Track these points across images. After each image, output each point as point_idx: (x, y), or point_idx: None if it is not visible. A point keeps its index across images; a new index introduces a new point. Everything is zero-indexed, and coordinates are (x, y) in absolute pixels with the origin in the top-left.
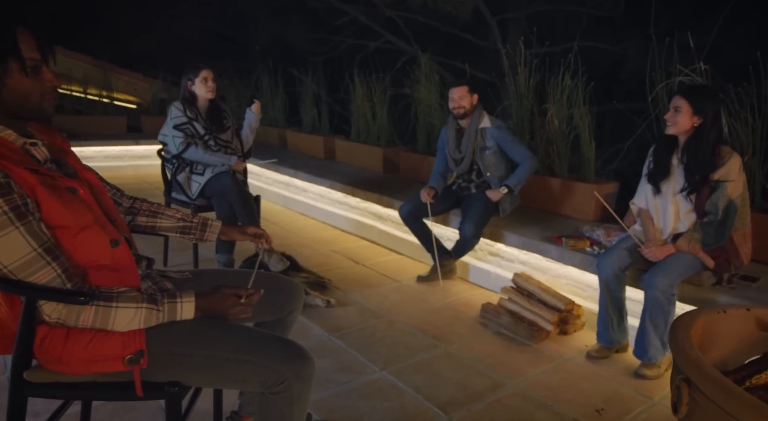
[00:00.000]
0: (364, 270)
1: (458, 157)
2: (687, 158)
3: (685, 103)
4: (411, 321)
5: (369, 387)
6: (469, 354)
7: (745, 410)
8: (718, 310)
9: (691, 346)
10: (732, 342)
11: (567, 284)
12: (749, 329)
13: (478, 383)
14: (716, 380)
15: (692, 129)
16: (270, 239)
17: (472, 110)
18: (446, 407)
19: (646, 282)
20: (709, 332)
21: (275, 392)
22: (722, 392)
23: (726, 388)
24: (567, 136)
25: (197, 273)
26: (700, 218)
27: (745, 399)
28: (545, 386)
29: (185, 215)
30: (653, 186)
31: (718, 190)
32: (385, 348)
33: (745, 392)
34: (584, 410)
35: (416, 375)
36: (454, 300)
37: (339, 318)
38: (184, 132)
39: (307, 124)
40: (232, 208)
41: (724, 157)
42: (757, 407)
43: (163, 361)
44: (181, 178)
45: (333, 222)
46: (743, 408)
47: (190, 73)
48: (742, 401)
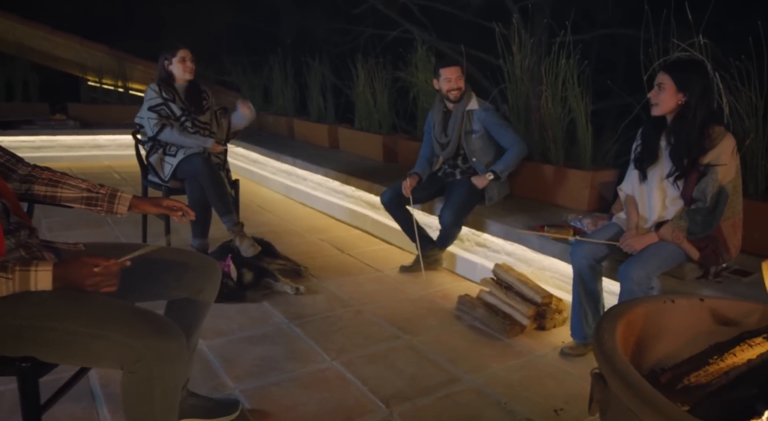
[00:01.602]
0: (348, 259)
1: (444, 141)
2: (674, 140)
3: (668, 79)
4: (380, 311)
5: (313, 377)
6: (433, 347)
7: (645, 409)
8: (665, 299)
9: (609, 337)
10: (682, 335)
11: (552, 276)
12: (704, 322)
13: (433, 377)
14: (623, 375)
15: (677, 107)
16: (191, 213)
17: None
18: (390, 401)
19: (621, 273)
20: (655, 323)
21: (132, 371)
22: (627, 388)
23: (633, 384)
24: (562, 120)
25: (92, 245)
26: (687, 205)
27: (649, 397)
28: (505, 383)
29: (91, 185)
30: (640, 171)
31: (707, 176)
32: (344, 338)
33: (652, 389)
34: (541, 410)
35: (368, 366)
36: (433, 292)
37: (304, 306)
38: (158, 113)
39: (314, 113)
40: (204, 192)
41: (715, 138)
42: (660, 406)
43: (13, 334)
44: (153, 159)
45: (329, 211)
46: (645, 407)
47: (167, 53)
48: (647, 400)
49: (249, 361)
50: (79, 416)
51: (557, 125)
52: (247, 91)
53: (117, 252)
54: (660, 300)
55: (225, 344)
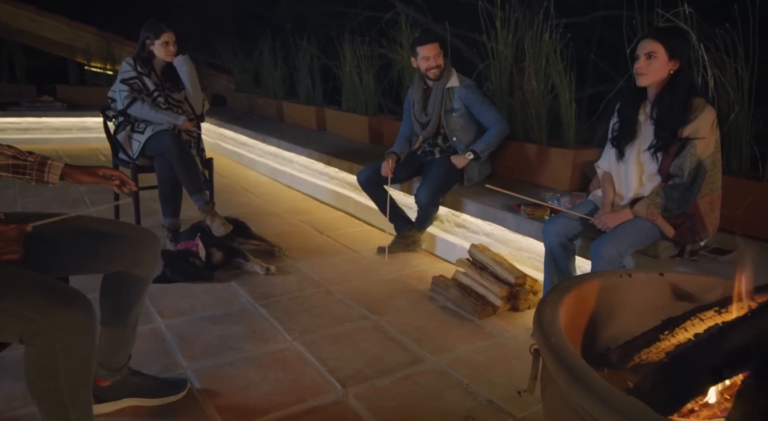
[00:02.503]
0: (326, 240)
1: (424, 120)
2: (659, 112)
3: (660, 47)
4: (351, 292)
5: (271, 357)
6: (400, 328)
7: (573, 385)
8: (621, 274)
9: (550, 311)
10: (641, 311)
11: (530, 257)
12: (663, 297)
13: (396, 357)
14: (556, 350)
15: (668, 77)
16: (131, 183)
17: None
18: (347, 381)
19: (592, 250)
20: (611, 298)
21: (32, 345)
22: (558, 363)
23: (564, 359)
24: (545, 98)
25: (14, 214)
26: (664, 181)
27: (579, 373)
28: (470, 364)
29: (18, 152)
30: (617, 148)
31: (685, 150)
32: (309, 318)
33: (584, 365)
34: (504, 391)
35: (330, 347)
36: (408, 273)
37: (273, 286)
38: (130, 87)
39: (303, 95)
40: (173, 169)
41: (696, 110)
42: (590, 383)
43: None
44: (121, 136)
45: (314, 193)
46: (574, 384)
47: (150, 33)
48: (576, 376)
49: (207, 340)
50: (19, 394)
51: (540, 103)
52: (238, 75)
53: (38, 220)
54: (616, 274)
55: (185, 323)
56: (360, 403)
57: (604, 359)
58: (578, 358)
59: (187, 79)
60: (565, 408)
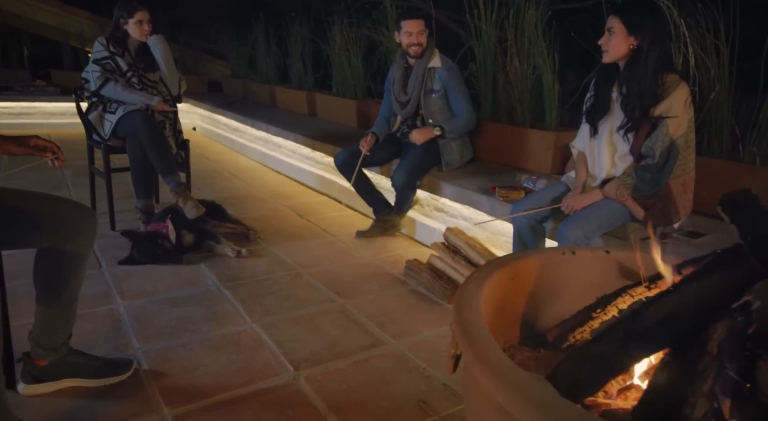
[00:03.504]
0: (305, 224)
1: (404, 99)
2: (626, 89)
3: (618, 22)
4: (321, 275)
5: (226, 339)
6: (366, 311)
7: (476, 364)
8: (564, 251)
9: (473, 286)
10: (585, 289)
11: (506, 241)
12: (609, 276)
13: (356, 340)
14: (465, 325)
15: (630, 52)
16: (61, 155)
17: (426, 48)
18: (300, 364)
19: (558, 232)
20: (554, 277)
21: None
22: (466, 339)
23: (472, 336)
24: (528, 78)
25: None
26: (637, 162)
27: (482, 352)
28: (431, 349)
29: None
30: (591, 125)
31: (657, 129)
32: (274, 301)
33: (490, 343)
34: (461, 376)
35: (290, 329)
36: (384, 257)
37: (243, 269)
38: (103, 67)
39: (295, 80)
40: (144, 150)
41: (668, 87)
42: (492, 362)
43: None
44: (92, 117)
45: (301, 178)
46: (477, 363)
47: (123, 12)
48: (480, 355)
49: (164, 322)
50: None
51: (523, 84)
52: (234, 61)
53: None
54: (558, 252)
55: (145, 305)
56: (310, 386)
57: (543, 339)
58: (486, 333)
59: (161, 58)
60: (472, 384)
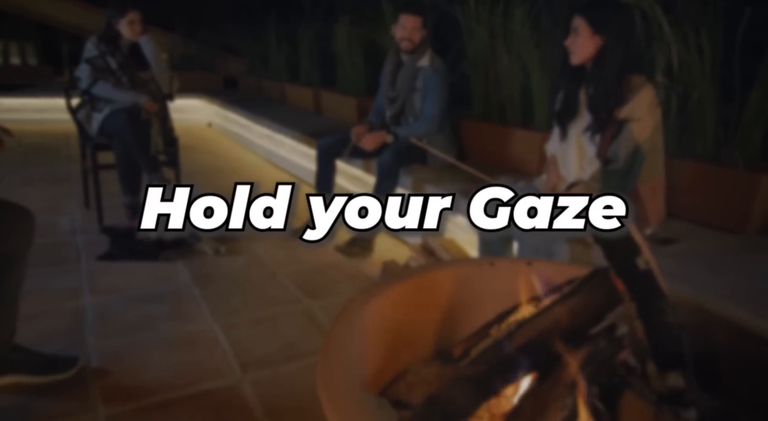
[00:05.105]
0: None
1: (392, 95)
2: (592, 90)
3: (583, 21)
4: (295, 276)
5: (182, 338)
6: (331, 313)
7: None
8: (482, 262)
9: (356, 305)
10: (503, 302)
11: None
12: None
13: (314, 342)
14: (328, 350)
15: (596, 52)
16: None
17: (419, 46)
18: (249, 366)
19: (518, 238)
20: (472, 289)
21: None
22: (325, 351)
23: (329, 347)
24: (518, 76)
25: None
26: (604, 166)
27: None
28: None
29: None
30: (560, 127)
31: (621, 133)
32: (240, 300)
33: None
34: None
35: (249, 330)
36: (369, 258)
37: (218, 267)
38: (93, 66)
39: (304, 77)
40: (129, 147)
41: (634, 88)
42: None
43: None
44: (81, 115)
45: (301, 175)
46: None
47: (115, 12)
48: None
49: (126, 319)
50: None
51: (513, 82)
52: (248, 57)
53: None
54: (476, 263)
55: (112, 302)
56: (253, 389)
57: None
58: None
59: (151, 57)
60: None
